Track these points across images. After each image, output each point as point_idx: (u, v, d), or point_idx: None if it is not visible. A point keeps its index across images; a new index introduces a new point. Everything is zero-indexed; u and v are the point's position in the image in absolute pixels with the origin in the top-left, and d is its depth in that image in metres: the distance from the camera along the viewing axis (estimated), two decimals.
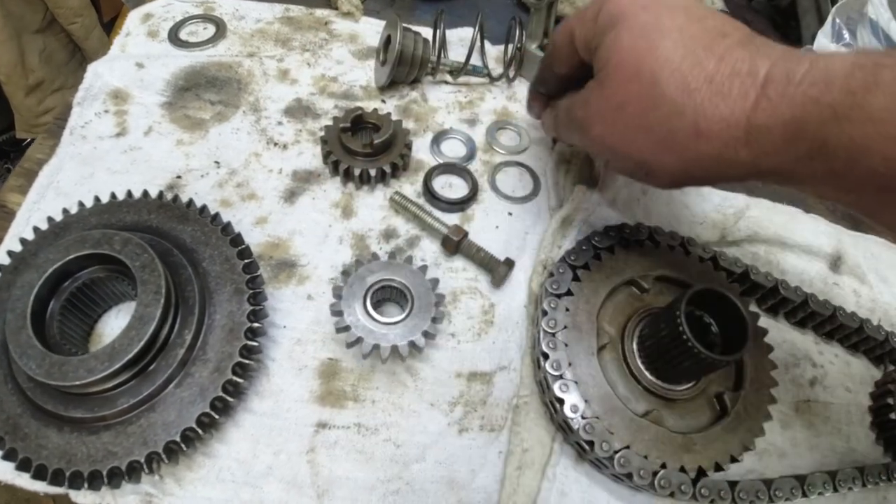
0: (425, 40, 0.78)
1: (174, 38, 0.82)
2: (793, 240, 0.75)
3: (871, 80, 0.39)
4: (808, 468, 0.65)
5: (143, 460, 0.53)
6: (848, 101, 0.39)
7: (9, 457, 0.53)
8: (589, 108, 0.55)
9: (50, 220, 0.63)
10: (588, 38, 0.55)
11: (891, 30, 0.88)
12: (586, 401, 0.58)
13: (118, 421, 0.54)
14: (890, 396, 0.70)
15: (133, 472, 0.54)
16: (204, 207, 0.63)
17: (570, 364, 0.59)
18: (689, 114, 0.46)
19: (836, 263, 0.76)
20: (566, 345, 0.60)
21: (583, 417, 0.57)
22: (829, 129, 0.40)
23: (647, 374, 0.61)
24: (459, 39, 0.86)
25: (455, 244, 0.65)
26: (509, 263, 0.65)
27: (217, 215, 0.63)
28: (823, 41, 0.78)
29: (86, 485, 0.52)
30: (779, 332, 0.72)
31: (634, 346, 0.62)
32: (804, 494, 0.61)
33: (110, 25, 1.90)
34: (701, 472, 0.58)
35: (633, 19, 0.50)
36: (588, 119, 0.55)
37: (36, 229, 0.62)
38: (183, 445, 0.54)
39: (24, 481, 0.55)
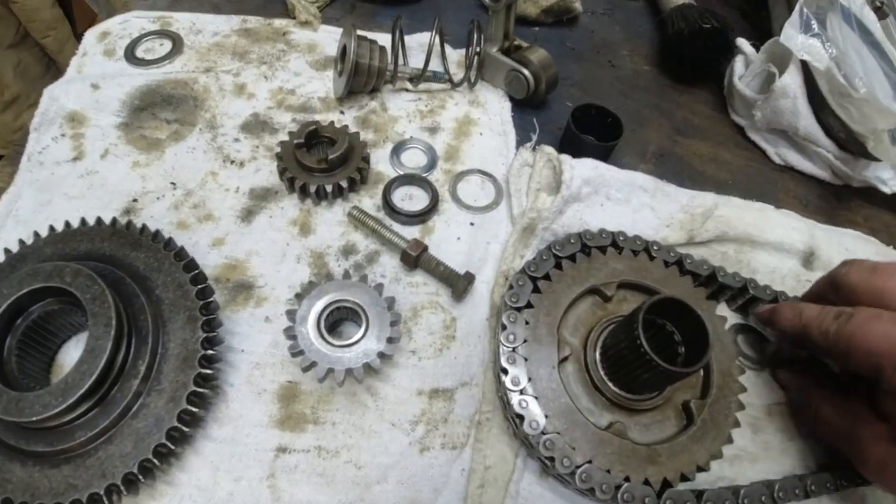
0: (382, 48, 0.76)
1: (130, 56, 0.81)
2: (763, 237, 0.73)
3: None
4: (781, 472, 0.64)
5: (102, 492, 0.53)
6: None
7: None
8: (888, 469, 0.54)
9: (7, 251, 0.62)
10: (827, 336, 0.56)
11: (863, 16, 0.86)
12: (547, 416, 0.57)
13: (77, 454, 0.54)
14: None
15: None
16: (157, 233, 0.62)
17: (529, 379, 0.58)
18: None
19: (808, 259, 0.75)
20: (526, 359, 0.59)
21: (543, 433, 0.56)
22: None
23: (610, 385, 0.60)
24: (420, 45, 0.84)
25: (414, 259, 0.64)
26: (469, 278, 0.64)
27: (170, 240, 0.62)
28: (791, 32, 0.76)
29: None
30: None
31: (597, 357, 0.61)
32: (773, 501, 0.60)
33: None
34: (666, 484, 0.57)
35: None
36: (884, 474, 0.55)
37: None
38: (140, 477, 0.54)
39: None
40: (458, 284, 0.64)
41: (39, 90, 1.73)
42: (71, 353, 0.63)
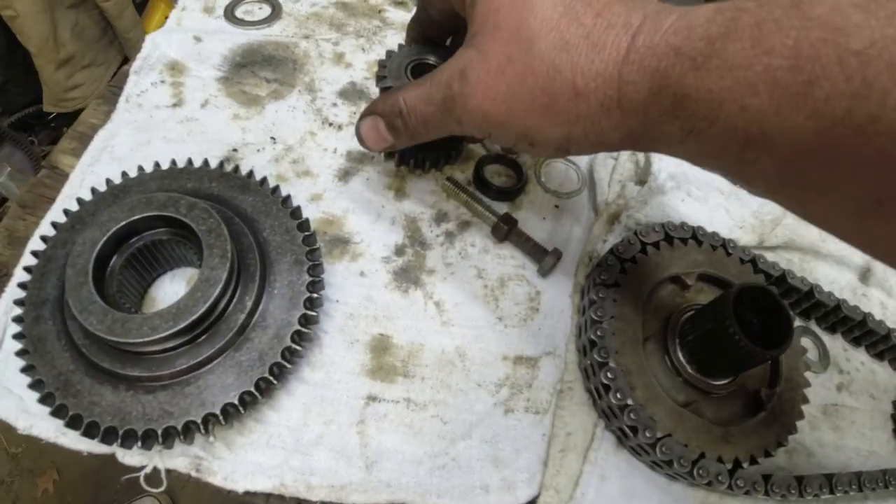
0: None
1: (230, 15, 0.84)
2: (826, 249, 0.77)
3: (730, 25, 0.37)
4: (833, 468, 0.68)
5: (199, 421, 0.54)
6: (706, 50, 0.37)
7: (57, 413, 0.53)
8: (467, 78, 0.49)
9: (108, 181, 0.64)
10: None
11: None
12: (631, 388, 0.60)
13: (175, 381, 0.55)
14: None
15: (188, 433, 0.55)
16: (264, 179, 0.65)
17: (616, 352, 0.61)
18: (566, 72, 0.44)
19: (865, 275, 0.79)
20: (613, 334, 0.62)
21: (627, 404, 0.59)
22: (689, 81, 0.38)
23: (687, 367, 0.63)
24: None
25: (505, 231, 0.67)
26: (557, 254, 0.67)
27: (277, 188, 0.64)
28: None
29: (139, 443, 0.53)
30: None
31: (677, 340, 0.64)
32: (832, 492, 0.64)
33: (143, 5, 1.91)
34: (737, 464, 0.60)
35: None
36: (466, 90, 0.49)
37: (94, 190, 0.64)
38: (241, 408, 0.55)
39: (69, 440, 0.56)
40: (547, 260, 0.67)
41: (94, 52, 1.77)
42: (165, 287, 0.65)
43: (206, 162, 0.66)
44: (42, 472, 1.79)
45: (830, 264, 0.78)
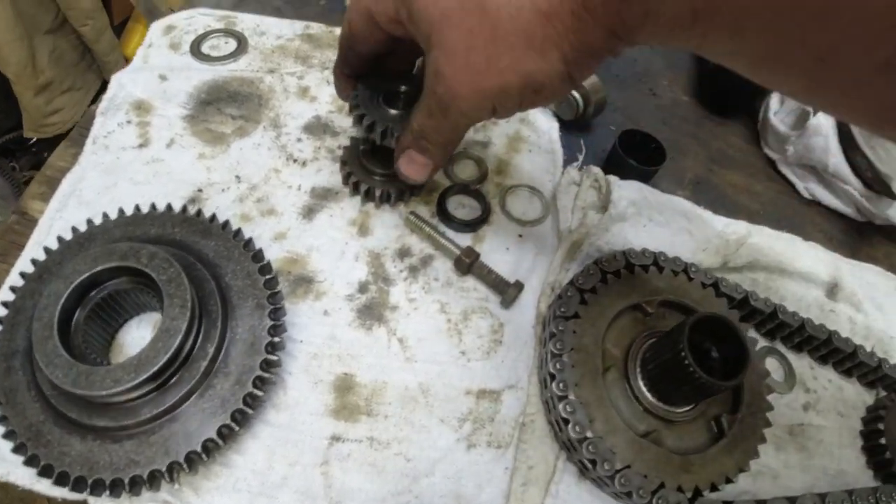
0: None
1: (196, 51, 0.85)
2: (792, 267, 0.78)
3: None
4: (800, 490, 0.68)
5: (164, 469, 0.55)
6: None
7: (30, 462, 0.55)
8: (443, 75, 0.51)
9: (74, 230, 0.65)
10: (388, 10, 0.54)
11: None
12: (590, 420, 0.61)
13: (141, 430, 0.57)
14: (880, 422, 0.73)
15: (154, 481, 0.56)
16: (227, 223, 0.66)
17: (575, 385, 0.62)
18: (526, 4, 0.46)
19: (832, 291, 0.80)
20: (572, 366, 0.63)
21: (586, 437, 0.60)
22: None
23: (648, 395, 0.64)
24: None
25: (467, 265, 0.68)
26: (518, 286, 0.68)
27: (239, 231, 0.65)
28: None
29: (107, 492, 0.55)
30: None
31: (637, 369, 0.65)
32: None
33: (121, 28, 1.92)
34: (697, 492, 0.61)
35: None
36: (450, 88, 0.51)
37: (60, 239, 0.65)
38: (203, 455, 0.56)
39: (44, 487, 0.58)
40: (509, 292, 0.68)
41: (73, 77, 1.78)
42: (132, 333, 0.66)
43: (169, 206, 0.67)
44: None
45: (797, 281, 0.78)
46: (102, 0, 1.73)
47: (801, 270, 0.78)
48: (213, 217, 0.66)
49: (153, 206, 0.67)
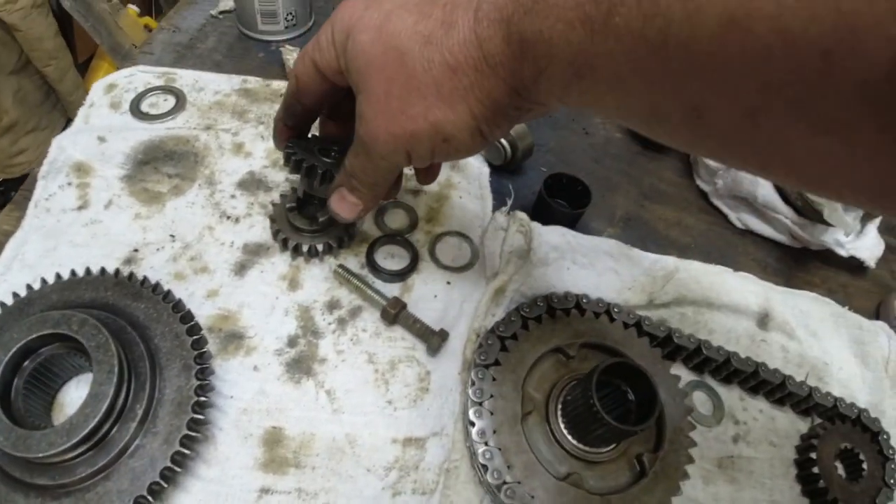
0: None
1: (135, 109, 0.91)
2: (720, 300, 0.82)
3: None
4: None
5: None
6: None
7: None
8: (364, 117, 0.57)
9: (15, 295, 0.71)
10: (331, 62, 0.60)
11: None
12: (509, 466, 0.66)
13: (78, 488, 0.62)
14: (813, 450, 0.77)
15: None
16: (157, 285, 0.71)
17: (494, 431, 0.67)
18: (437, 57, 0.50)
19: (763, 321, 0.84)
20: (492, 413, 0.68)
21: (505, 483, 0.65)
22: (525, 24, 0.45)
23: (569, 437, 0.69)
24: None
25: (393, 316, 0.74)
26: (442, 335, 0.73)
27: (169, 292, 0.71)
28: None
29: None
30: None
31: (558, 412, 0.70)
32: None
33: (84, 66, 1.99)
34: None
35: (363, 20, 0.55)
36: (370, 131, 0.57)
37: (2, 305, 0.71)
38: None
39: None
40: (433, 341, 0.73)
41: (38, 117, 1.85)
42: (71, 393, 0.72)
43: (102, 270, 0.73)
44: None
45: (726, 314, 0.83)
46: (66, 39, 1.81)
47: (729, 303, 0.83)
48: (145, 280, 0.71)
49: (88, 271, 0.73)
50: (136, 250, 0.79)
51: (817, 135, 0.32)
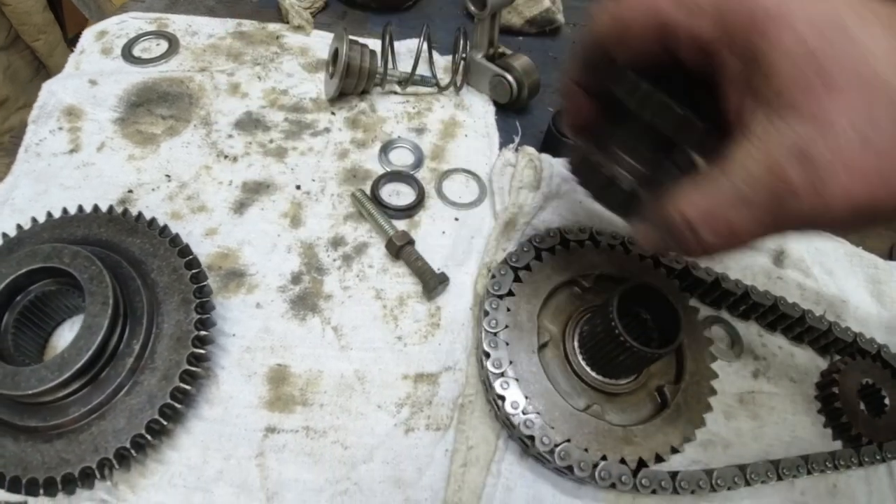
0: (372, 52, 0.83)
1: (128, 54, 0.87)
2: None
3: None
4: (753, 458, 0.69)
5: (95, 466, 0.56)
6: None
7: None
8: (814, 161, 0.37)
9: (4, 235, 0.67)
10: (705, 32, 0.41)
11: None
12: (527, 397, 0.62)
13: (70, 429, 0.58)
14: (835, 385, 0.74)
15: (86, 479, 0.57)
16: (153, 220, 0.67)
17: (510, 362, 0.64)
18: None
19: (779, 258, 0.82)
20: (507, 343, 0.65)
21: (523, 413, 0.61)
22: None
23: (587, 369, 0.66)
24: (409, 51, 0.91)
25: (397, 249, 0.70)
26: (441, 278, 0.70)
27: (165, 227, 0.67)
28: None
29: (41, 491, 0.56)
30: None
31: (575, 344, 0.67)
32: (747, 483, 0.65)
33: (74, 41, 1.94)
34: (642, 464, 0.62)
35: (799, 14, 0.38)
36: (817, 177, 0.37)
37: None
38: (133, 452, 0.57)
39: None
40: (430, 282, 0.69)
41: (29, 93, 1.80)
42: (65, 336, 0.68)
43: (95, 208, 0.69)
44: None
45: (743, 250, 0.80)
46: (55, 14, 1.76)
47: None
48: (140, 215, 0.68)
49: (80, 209, 0.69)
50: (130, 191, 0.75)
51: None
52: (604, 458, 0.61)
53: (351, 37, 0.83)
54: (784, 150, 0.38)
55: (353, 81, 0.82)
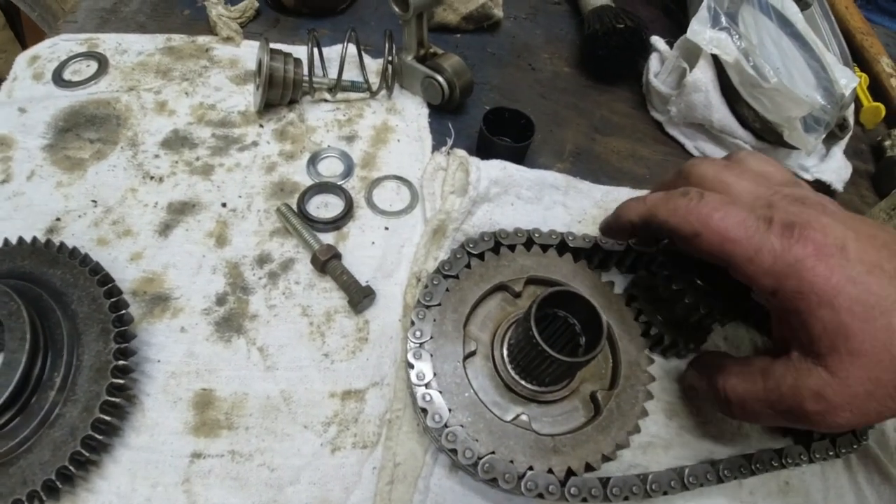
0: (297, 60, 0.81)
1: (58, 78, 0.86)
2: None
3: None
4: (696, 458, 0.68)
5: (24, 498, 0.57)
6: None
7: None
8: (828, 401, 0.50)
9: None
10: (766, 288, 0.52)
11: (784, 8, 0.91)
12: (450, 409, 0.61)
13: (1, 462, 0.59)
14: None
15: None
16: (74, 249, 0.67)
17: (434, 374, 0.63)
18: None
19: None
20: (432, 355, 0.64)
21: (446, 426, 0.60)
22: None
23: (516, 378, 0.64)
24: (340, 56, 0.89)
25: (322, 263, 0.69)
26: (367, 291, 0.68)
27: (86, 256, 0.66)
28: (698, 27, 0.81)
29: None
30: None
31: (504, 352, 0.66)
32: (685, 487, 0.64)
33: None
34: (571, 473, 0.61)
35: (845, 293, 0.48)
36: (826, 410, 0.50)
37: None
38: (59, 483, 0.58)
39: None
40: (355, 296, 0.68)
41: None
42: None
43: (20, 240, 0.69)
44: None
45: None
46: (14, 31, 1.76)
47: None
48: (61, 245, 0.67)
49: (6, 242, 0.69)
50: (58, 219, 0.74)
51: None
52: (530, 468, 0.60)
53: (279, 45, 0.81)
54: (807, 388, 0.51)
55: (278, 92, 0.81)
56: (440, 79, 0.83)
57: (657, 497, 0.64)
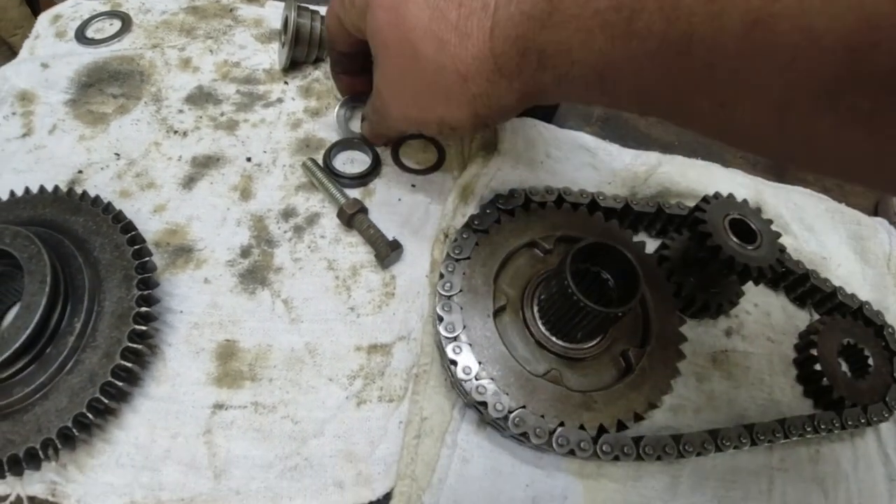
0: (323, 17, 0.80)
1: (81, 36, 0.85)
2: (707, 193, 0.75)
3: None
4: (725, 422, 0.66)
5: (38, 447, 0.55)
6: (548, 8, 0.44)
7: None
8: (381, 95, 0.61)
9: None
10: (353, 22, 0.60)
11: None
12: (480, 362, 0.59)
13: (15, 409, 0.57)
14: (814, 347, 0.70)
15: (31, 459, 0.56)
16: (96, 198, 0.65)
17: (464, 326, 0.61)
18: (449, 65, 0.51)
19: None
20: (461, 308, 0.62)
21: (476, 379, 0.58)
22: (542, 37, 0.46)
23: (546, 334, 0.62)
24: None
25: (348, 217, 0.67)
26: (395, 246, 0.67)
27: (109, 205, 0.65)
28: None
29: None
30: None
31: (535, 308, 0.64)
32: (718, 449, 0.62)
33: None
34: (602, 430, 0.59)
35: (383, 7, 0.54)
36: (385, 104, 0.61)
37: None
38: (76, 431, 0.56)
39: None
40: (382, 250, 0.66)
41: None
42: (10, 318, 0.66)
43: (41, 189, 0.67)
44: None
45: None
46: (32, 8, 1.75)
47: None
48: (84, 194, 0.66)
49: (27, 190, 0.67)
50: (80, 171, 0.73)
51: (843, 126, 0.33)
52: (561, 424, 0.58)
53: (303, 3, 0.80)
54: (376, 81, 0.61)
55: (304, 49, 0.79)
56: None
57: (689, 457, 0.62)
